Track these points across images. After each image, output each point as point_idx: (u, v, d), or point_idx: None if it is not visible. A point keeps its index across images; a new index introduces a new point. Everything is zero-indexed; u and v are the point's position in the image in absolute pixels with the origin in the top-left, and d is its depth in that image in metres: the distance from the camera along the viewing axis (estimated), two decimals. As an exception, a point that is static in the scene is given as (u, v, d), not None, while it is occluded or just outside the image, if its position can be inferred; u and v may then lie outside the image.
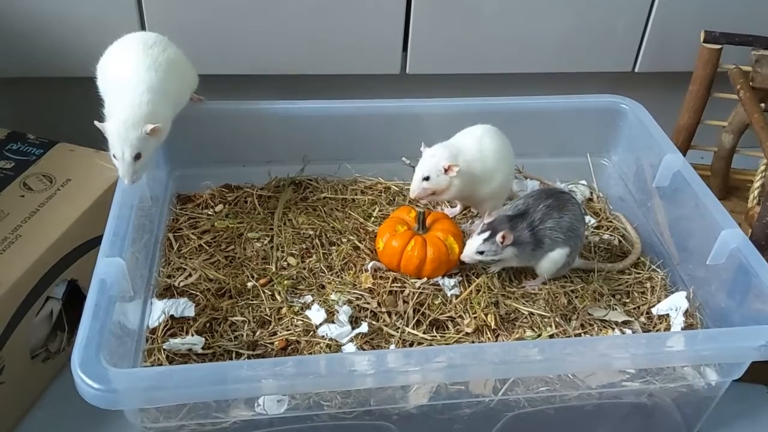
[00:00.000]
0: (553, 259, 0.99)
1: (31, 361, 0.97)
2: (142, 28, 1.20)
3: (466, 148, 1.03)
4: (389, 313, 0.95)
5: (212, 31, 1.22)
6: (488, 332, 0.94)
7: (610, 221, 1.16)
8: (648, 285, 1.05)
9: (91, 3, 1.17)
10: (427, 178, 1.00)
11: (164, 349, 0.89)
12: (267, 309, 0.96)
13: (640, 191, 1.15)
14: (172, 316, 0.93)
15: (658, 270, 1.07)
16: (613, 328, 0.97)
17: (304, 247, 1.05)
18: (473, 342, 0.93)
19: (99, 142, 1.11)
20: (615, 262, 1.08)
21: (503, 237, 0.95)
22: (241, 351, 0.90)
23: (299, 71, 1.29)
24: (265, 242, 1.06)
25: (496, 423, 0.90)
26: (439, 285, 0.99)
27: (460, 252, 1.01)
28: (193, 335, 0.91)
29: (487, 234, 0.96)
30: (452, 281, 1.00)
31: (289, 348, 0.91)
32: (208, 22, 1.21)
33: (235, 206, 1.13)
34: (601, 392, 0.89)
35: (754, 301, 0.90)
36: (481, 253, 0.96)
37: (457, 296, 0.98)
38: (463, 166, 1.01)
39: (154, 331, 0.91)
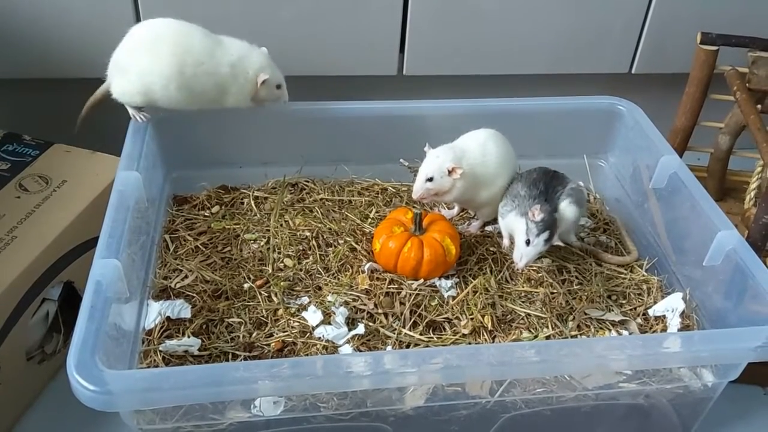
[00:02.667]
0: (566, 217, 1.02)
1: (27, 362, 0.97)
2: (139, 29, 1.19)
3: (469, 152, 1.03)
4: (386, 315, 0.95)
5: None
6: (485, 333, 0.94)
7: (607, 223, 1.16)
8: (644, 286, 1.05)
9: (87, 5, 1.17)
10: (430, 179, 1.00)
11: (160, 351, 0.89)
12: (263, 310, 0.96)
13: (636, 193, 1.15)
14: (168, 318, 0.92)
15: (655, 271, 1.07)
16: (609, 330, 0.97)
17: (300, 248, 1.05)
18: (470, 343, 0.93)
19: (95, 144, 1.11)
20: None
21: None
22: (237, 352, 0.90)
23: (296, 72, 1.28)
24: (262, 243, 1.06)
25: (493, 424, 0.90)
26: (435, 286, 0.99)
27: (457, 253, 1.01)
28: (189, 337, 0.91)
29: (547, 234, 0.96)
30: (449, 282, 1.00)
31: (286, 349, 0.91)
32: (204, 24, 1.21)
33: (231, 207, 1.13)
34: (597, 393, 0.89)
35: (750, 302, 0.90)
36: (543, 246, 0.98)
37: (453, 297, 0.98)
38: (467, 170, 1.01)
39: (150, 332, 0.91)
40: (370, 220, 1.11)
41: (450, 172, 1.00)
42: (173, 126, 1.09)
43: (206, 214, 1.11)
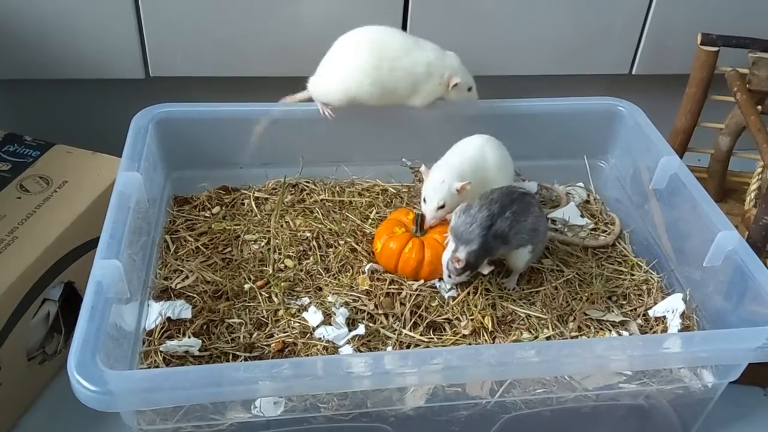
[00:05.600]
0: (521, 255, 1.00)
1: (28, 363, 0.97)
2: (140, 31, 1.20)
3: (470, 160, 1.03)
4: (386, 315, 0.95)
5: (210, 34, 1.22)
6: (485, 334, 0.94)
7: (608, 224, 1.16)
8: (645, 287, 1.05)
9: (88, 6, 1.17)
10: (442, 206, 1.00)
11: (161, 351, 0.89)
12: (264, 311, 0.96)
13: (637, 194, 1.15)
14: (168, 318, 0.93)
15: (655, 272, 1.07)
16: (610, 330, 0.97)
17: (301, 249, 1.05)
18: (470, 344, 0.93)
19: (96, 144, 1.11)
20: (612, 263, 1.08)
21: (489, 264, 0.96)
22: (238, 353, 0.90)
23: (297, 73, 1.29)
24: (262, 244, 1.06)
25: (493, 425, 0.90)
26: (436, 287, 0.99)
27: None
28: (189, 337, 0.91)
29: (468, 273, 0.96)
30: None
31: (286, 350, 0.91)
32: (205, 26, 1.22)
33: (232, 208, 1.13)
34: (597, 394, 0.90)
35: (750, 302, 0.90)
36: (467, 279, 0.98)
37: (454, 298, 0.98)
38: (474, 180, 1.01)
39: (150, 333, 0.91)
40: (370, 220, 1.11)
41: (459, 191, 1.00)
42: (174, 127, 1.09)
43: (207, 214, 1.11)
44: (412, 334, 0.93)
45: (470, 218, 0.95)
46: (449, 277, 0.96)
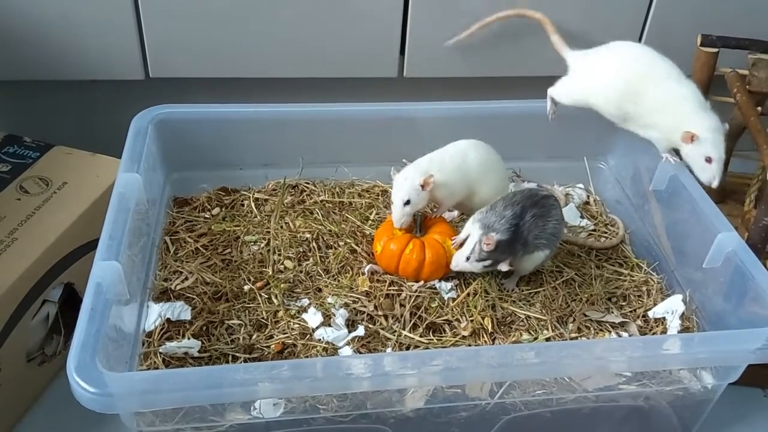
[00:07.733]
0: (535, 259, 0.99)
1: (28, 364, 0.97)
2: (139, 32, 1.20)
3: (446, 160, 1.02)
4: (386, 317, 0.95)
5: (209, 35, 1.22)
6: (485, 335, 0.94)
7: (607, 226, 1.16)
8: (644, 288, 1.05)
9: (88, 7, 1.17)
10: (407, 202, 0.99)
11: (160, 353, 0.89)
12: (263, 312, 0.96)
13: (636, 195, 1.15)
14: (168, 320, 0.92)
15: (655, 273, 1.07)
16: (609, 332, 0.97)
17: (300, 250, 1.05)
18: (470, 345, 0.93)
19: (95, 146, 1.11)
20: (612, 264, 1.08)
21: (509, 264, 0.95)
22: (237, 354, 0.90)
23: (297, 74, 1.29)
24: (262, 245, 1.06)
25: (493, 426, 0.90)
26: (435, 288, 0.99)
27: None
28: (189, 339, 0.91)
29: (488, 262, 0.95)
30: (449, 284, 1.00)
31: (286, 351, 0.91)
32: (205, 26, 1.22)
33: (231, 209, 1.13)
34: (597, 395, 0.90)
35: (750, 304, 0.90)
36: (480, 269, 0.97)
37: (453, 299, 0.98)
38: (441, 177, 1.00)
39: (150, 334, 0.91)
40: (370, 222, 1.11)
41: (423, 186, 0.99)
42: (173, 128, 1.09)
43: (206, 215, 1.11)
44: (411, 335, 0.93)
45: (498, 216, 0.96)
46: (467, 259, 0.95)
